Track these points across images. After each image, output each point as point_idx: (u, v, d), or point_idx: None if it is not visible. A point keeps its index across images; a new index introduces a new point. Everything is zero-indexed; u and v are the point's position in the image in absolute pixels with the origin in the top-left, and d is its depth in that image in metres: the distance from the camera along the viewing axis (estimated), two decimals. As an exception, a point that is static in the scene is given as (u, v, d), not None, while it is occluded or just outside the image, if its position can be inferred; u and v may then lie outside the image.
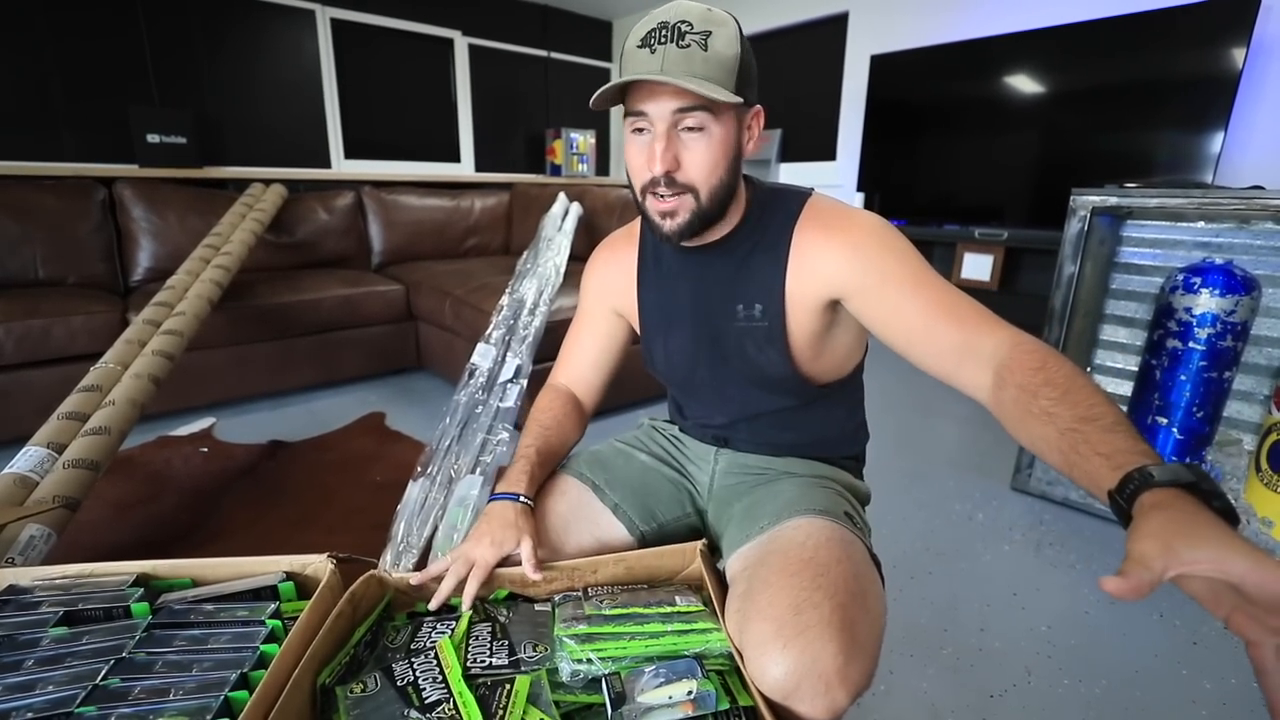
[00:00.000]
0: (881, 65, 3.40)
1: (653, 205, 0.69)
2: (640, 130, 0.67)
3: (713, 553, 0.81)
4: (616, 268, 0.88)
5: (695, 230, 0.70)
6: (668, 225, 0.69)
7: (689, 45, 0.62)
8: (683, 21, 0.63)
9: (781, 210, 0.74)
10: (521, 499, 0.76)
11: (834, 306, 0.73)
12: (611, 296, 0.89)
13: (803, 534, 0.67)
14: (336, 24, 3.61)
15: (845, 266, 0.70)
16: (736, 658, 0.61)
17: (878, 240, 0.70)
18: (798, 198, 0.75)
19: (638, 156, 0.68)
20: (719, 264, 0.76)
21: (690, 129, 0.65)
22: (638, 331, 0.88)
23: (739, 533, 0.74)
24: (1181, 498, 0.43)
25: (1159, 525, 0.41)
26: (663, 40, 0.62)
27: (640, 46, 0.64)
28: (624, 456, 0.90)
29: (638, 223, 0.87)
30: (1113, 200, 1.58)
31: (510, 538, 0.72)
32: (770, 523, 0.71)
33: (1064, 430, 0.52)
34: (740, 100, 0.64)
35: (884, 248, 0.69)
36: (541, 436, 0.85)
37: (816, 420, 0.84)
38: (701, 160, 0.66)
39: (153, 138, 2.85)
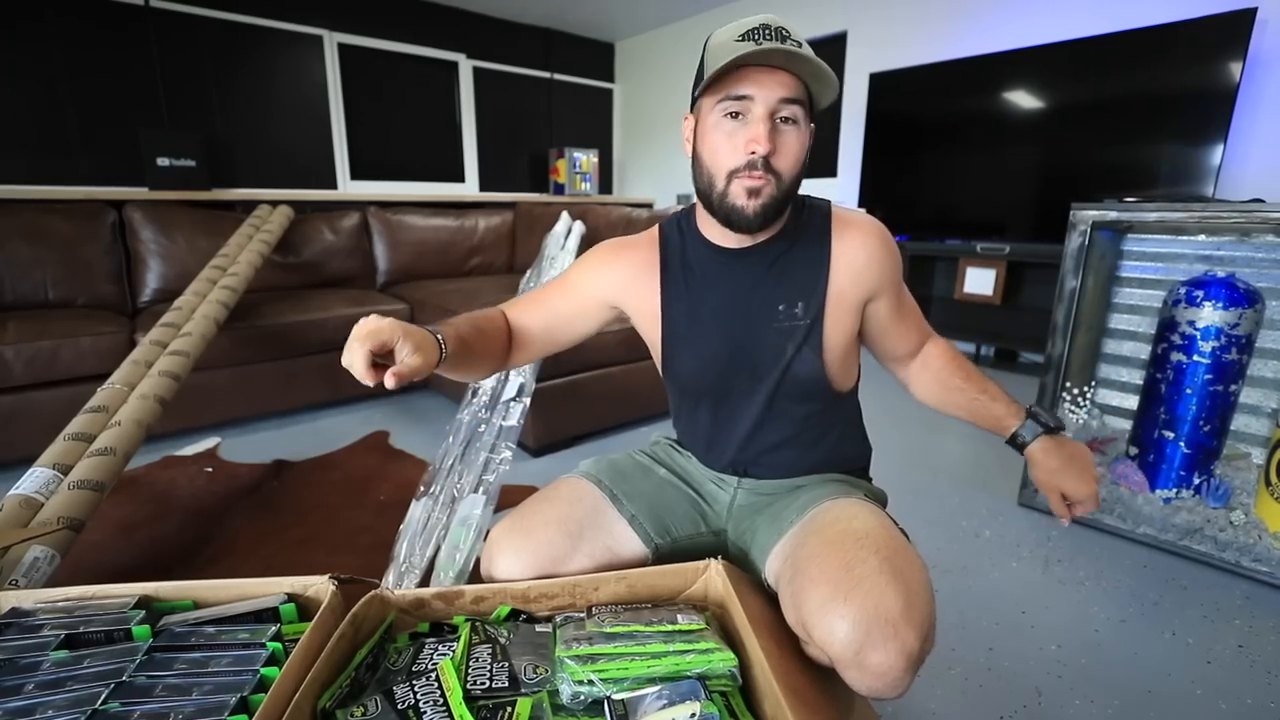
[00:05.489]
0: (881, 83, 3.44)
1: (739, 185, 0.69)
2: (736, 115, 0.68)
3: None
4: (633, 269, 0.84)
5: (770, 217, 0.71)
6: (752, 206, 0.70)
7: (790, 46, 0.65)
8: (782, 28, 0.66)
9: (815, 214, 0.79)
10: (430, 329, 0.70)
11: (864, 306, 0.80)
12: (618, 293, 0.85)
13: (833, 514, 0.71)
14: (344, 49, 3.68)
15: (880, 267, 0.77)
16: (803, 636, 0.64)
17: (890, 245, 0.79)
18: (823, 203, 0.80)
19: (729, 140, 0.69)
20: (758, 267, 0.77)
21: (786, 119, 0.68)
22: (652, 340, 0.85)
23: (769, 535, 0.76)
24: (1053, 442, 0.79)
25: (1059, 465, 0.79)
26: (767, 37, 0.65)
27: (741, 40, 0.66)
28: (642, 469, 0.90)
29: (655, 232, 0.85)
30: (1112, 214, 1.58)
31: (393, 328, 0.65)
32: (798, 515, 0.75)
33: (972, 398, 0.84)
34: (825, 105, 0.72)
35: (894, 254, 0.79)
36: (472, 319, 0.80)
37: (832, 438, 0.85)
38: (792, 151, 0.69)
39: (163, 161, 2.90)
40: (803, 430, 0.83)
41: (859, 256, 0.76)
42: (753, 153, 0.67)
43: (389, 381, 0.65)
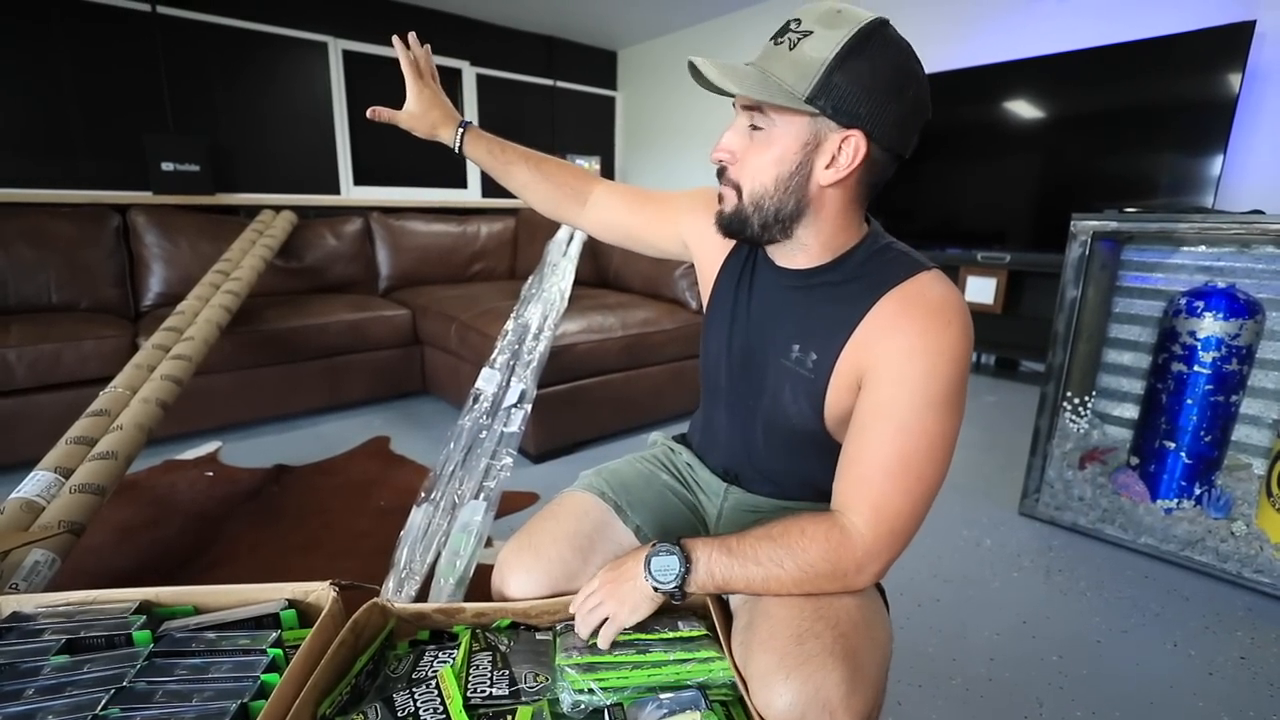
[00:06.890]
0: (881, 92, 3.45)
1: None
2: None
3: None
4: (715, 235, 0.76)
5: (732, 232, 0.69)
6: (716, 214, 0.69)
7: (783, 43, 0.60)
8: (796, 19, 0.61)
9: (886, 273, 0.66)
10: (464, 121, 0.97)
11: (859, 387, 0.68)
12: (696, 237, 0.84)
13: None
14: (348, 55, 3.70)
15: (886, 360, 0.63)
16: (741, 688, 0.61)
17: (927, 364, 0.61)
18: (909, 269, 0.66)
19: None
20: (799, 295, 0.71)
21: (754, 127, 0.63)
22: (703, 299, 0.85)
23: None
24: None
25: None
26: (776, 36, 0.61)
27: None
28: (644, 478, 0.89)
29: None
30: (1113, 225, 1.59)
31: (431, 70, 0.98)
32: None
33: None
34: (810, 109, 0.59)
35: (926, 375, 0.61)
36: (532, 154, 0.96)
37: (829, 471, 0.76)
38: (749, 160, 0.65)
39: (167, 165, 2.91)
40: (797, 466, 0.78)
41: (878, 337, 0.64)
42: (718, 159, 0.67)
43: (400, 51, 0.97)
